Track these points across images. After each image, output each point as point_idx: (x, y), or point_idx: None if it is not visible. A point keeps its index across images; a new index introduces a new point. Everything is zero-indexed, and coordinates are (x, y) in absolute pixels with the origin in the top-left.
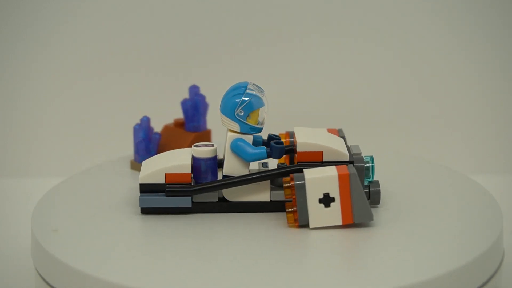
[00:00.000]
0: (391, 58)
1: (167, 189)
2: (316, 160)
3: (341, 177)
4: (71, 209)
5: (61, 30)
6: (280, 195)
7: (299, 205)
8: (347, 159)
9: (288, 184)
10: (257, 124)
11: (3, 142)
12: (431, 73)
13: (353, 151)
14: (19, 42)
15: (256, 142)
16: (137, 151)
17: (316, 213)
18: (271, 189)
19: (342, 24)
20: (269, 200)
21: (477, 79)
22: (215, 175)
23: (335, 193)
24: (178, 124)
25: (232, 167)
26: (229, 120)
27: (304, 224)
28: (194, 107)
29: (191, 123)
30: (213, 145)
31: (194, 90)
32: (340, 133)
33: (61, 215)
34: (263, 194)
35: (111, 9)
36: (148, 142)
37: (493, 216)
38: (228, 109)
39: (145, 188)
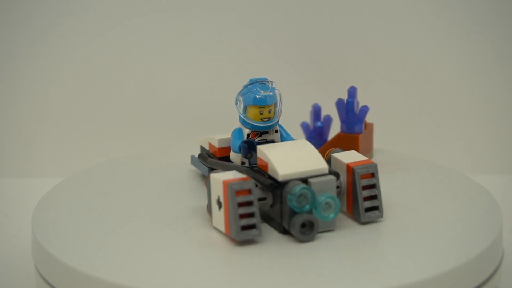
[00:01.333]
0: (391, 59)
1: (199, 153)
2: (265, 170)
3: (224, 185)
4: (71, 209)
5: (61, 30)
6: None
7: (209, 199)
8: (279, 179)
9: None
10: (258, 121)
11: (3, 142)
12: (431, 73)
13: (313, 179)
14: (19, 42)
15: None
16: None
17: (215, 213)
18: None
19: (341, 21)
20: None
21: (477, 79)
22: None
23: (222, 199)
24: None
25: (232, 152)
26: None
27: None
28: (349, 108)
29: (344, 123)
30: None
31: (351, 91)
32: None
33: (61, 215)
34: None
35: (109, 9)
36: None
37: (493, 216)
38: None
39: (202, 151)
